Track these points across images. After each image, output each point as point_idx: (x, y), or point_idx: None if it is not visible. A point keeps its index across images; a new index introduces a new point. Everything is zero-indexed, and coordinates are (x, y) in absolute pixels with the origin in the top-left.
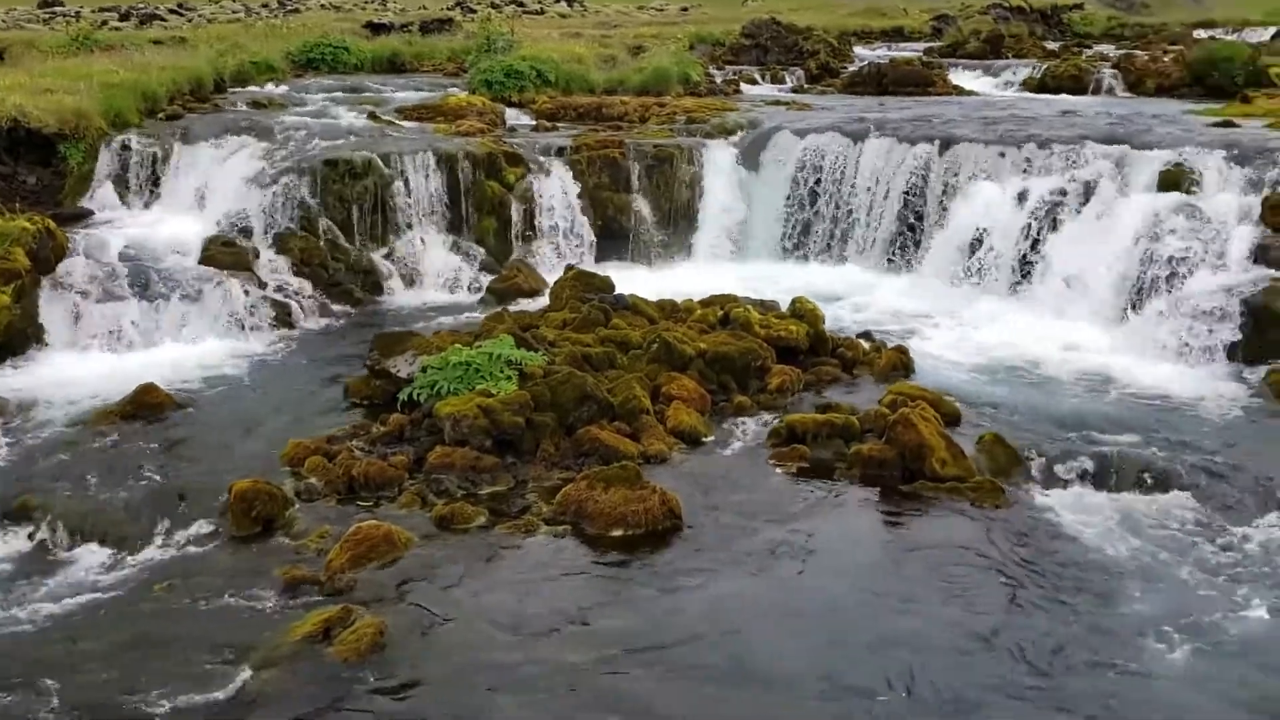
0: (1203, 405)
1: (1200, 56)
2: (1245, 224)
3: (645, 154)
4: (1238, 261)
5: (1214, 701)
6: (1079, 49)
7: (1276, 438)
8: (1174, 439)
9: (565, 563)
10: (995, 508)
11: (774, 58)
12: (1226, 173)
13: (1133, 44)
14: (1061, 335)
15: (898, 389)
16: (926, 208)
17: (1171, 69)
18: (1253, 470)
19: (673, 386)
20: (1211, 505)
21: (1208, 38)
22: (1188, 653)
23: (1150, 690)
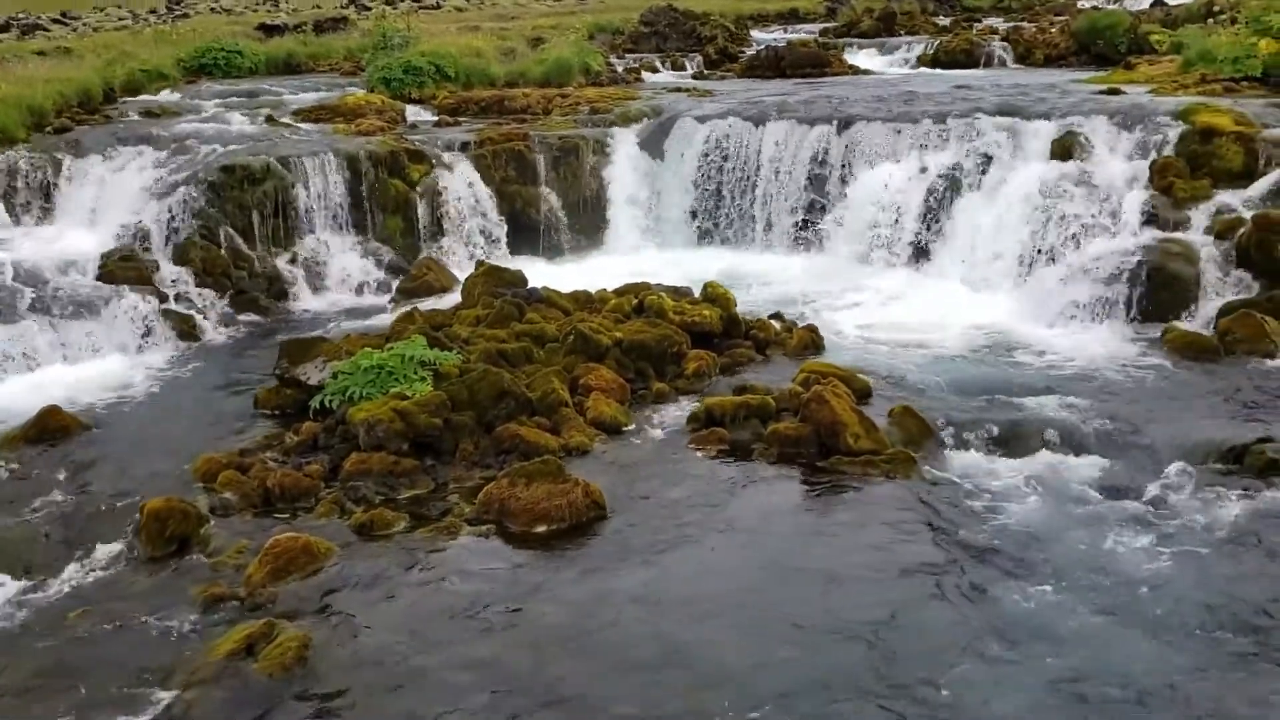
0: (1103, 366)
1: (1084, 26)
2: (1135, 189)
3: (551, 146)
4: (1129, 225)
5: (1127, 659)
6: (969, 23)
7: (1175, 393)
8: (1077, 400)
9: (490, 562)
10: (909, 478)
11: (673, 44)
12: (1115, 139)
13: (1020, 16)
14: (965, 305)
15: (810, 367)
16: (829, 187)
17: (1058, 39)
18: (1154, 426)
19: (591, 377)
20: (1116, 463)
21: (1091, 8)
22: (1098, 610)
23: (1064, 652)
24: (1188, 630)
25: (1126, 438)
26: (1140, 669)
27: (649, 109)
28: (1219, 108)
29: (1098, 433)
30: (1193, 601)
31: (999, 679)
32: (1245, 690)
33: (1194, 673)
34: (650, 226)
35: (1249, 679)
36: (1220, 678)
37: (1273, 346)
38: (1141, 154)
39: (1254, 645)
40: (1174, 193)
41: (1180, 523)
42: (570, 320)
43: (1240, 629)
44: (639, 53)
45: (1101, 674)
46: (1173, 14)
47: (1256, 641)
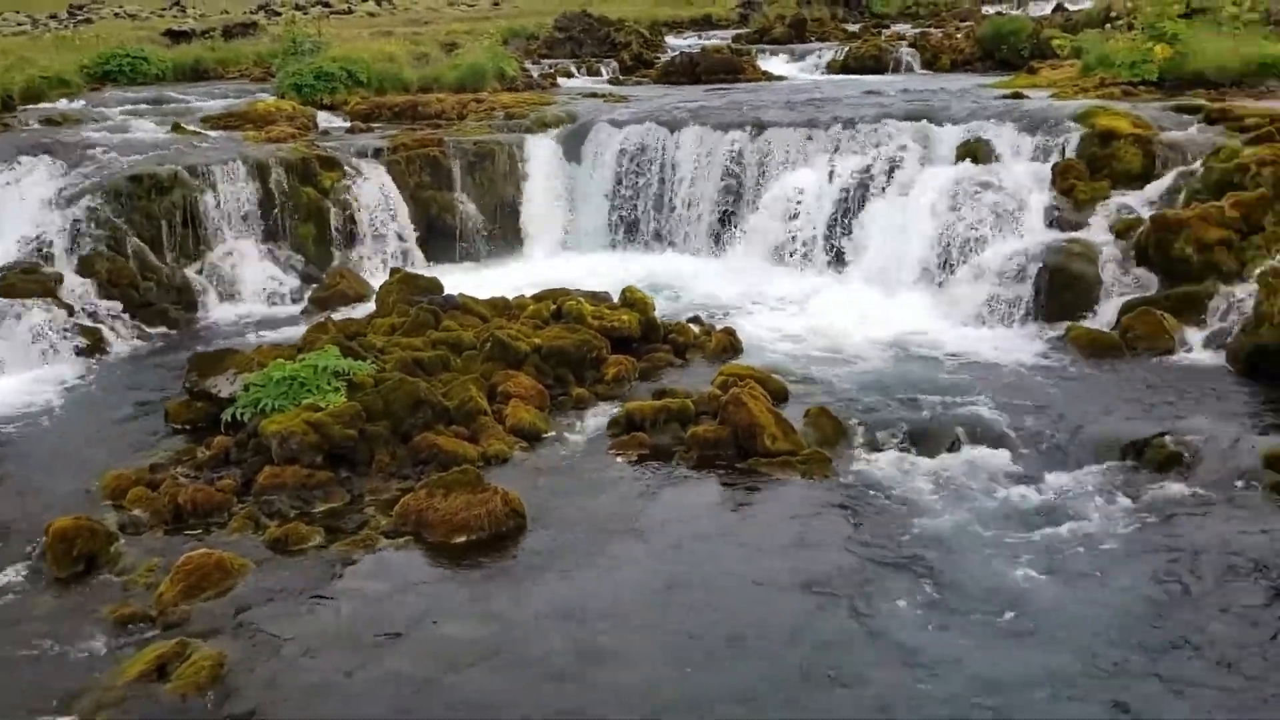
0: (1011, 364)
1: (988, 32)
2: (1039, 190)
3: (466, 151)
4: (1034, 226)
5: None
6: (878, 30)
7: (1080, 390)
8: (985, 399)
9: (408, 574)
10: (825, 478)
11: (588, 50)
12: (1019, 143)
13: (927, 22)
14: (877, 306)
15: (728, 370)
16: (744, 192)
17: (964, 45)
18: (1060, 422)
19: (510, 384)
20: (1025, 458)
21: (995, 13)
22: (1003, 610)
23: (970, 653)
24: (1090, 629)
25: (1033, 435)
26: (1041, 668)
27: (565, 114)
28: (1117, 111)
29: (1005, 430)
30: (1097, 598)
31: (909, 681)
32: (1146, 689)
33: (1096, 673)
34: (568, 232)
35: (1151, 678)
36: (1122, 677)
37: (1171, 343)
38: (1044, 157)
39: (1157, 641)
40: (1075, 194)
41: (1084, 518)
42: (488, 327)
43: (1141, 625)
44: (554, 58)
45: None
46: (1073, 19)
47: (1159, 638)
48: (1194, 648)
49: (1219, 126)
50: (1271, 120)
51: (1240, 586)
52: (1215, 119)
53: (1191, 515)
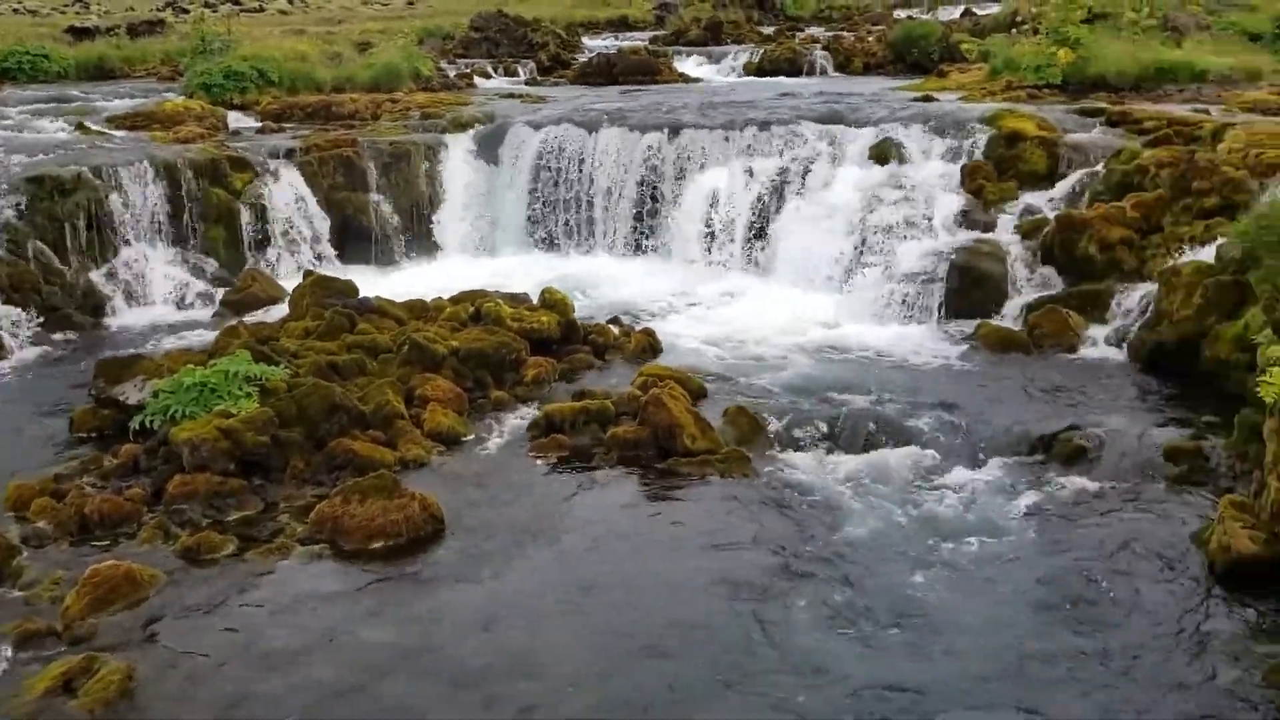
0: (923, 362)
1: (899, 36)
2: (949, 191)
3: (381, 151)
4: (944, 226)
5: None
6: (792, 32)
7: (990, 386)
8: (899, 395)
9: (324, 582)
10: (743, 476)
11: (505, 50)
12: (929, 145)
13: (840, 26)
14: (794, 306)
15: (648, 370)
16: (662, 193)
17: (876, 48)
18: (971, 418)
19: (427, 388)
20: (937, 453)
21: (906, 17)
22: (914, 606)
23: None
24: (997, 625)
25: (945, 431)
26: (949, 667)
27: (482, 115)
28: (1023, 113)
29: (918, 426)
30: (1005, 594)
31: (817, 681)
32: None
33: (1003, 671)
34: (487, 233)
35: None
36: (1027, 674)
37: (1076, 339)
38: (953, 158)
39: (1064, 638)
40: (984, 195)
41: (995, 513)
42: (405, 330)
43: (1048, 621)
44: (470, 58)
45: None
46: (981, 24)
47: (1065, 634)
48: (1099, 642)
49: (1120, 129)
50: (1169, 123)
51: (1144, 579)
52: (1116, 121)
53: (1097, 508)
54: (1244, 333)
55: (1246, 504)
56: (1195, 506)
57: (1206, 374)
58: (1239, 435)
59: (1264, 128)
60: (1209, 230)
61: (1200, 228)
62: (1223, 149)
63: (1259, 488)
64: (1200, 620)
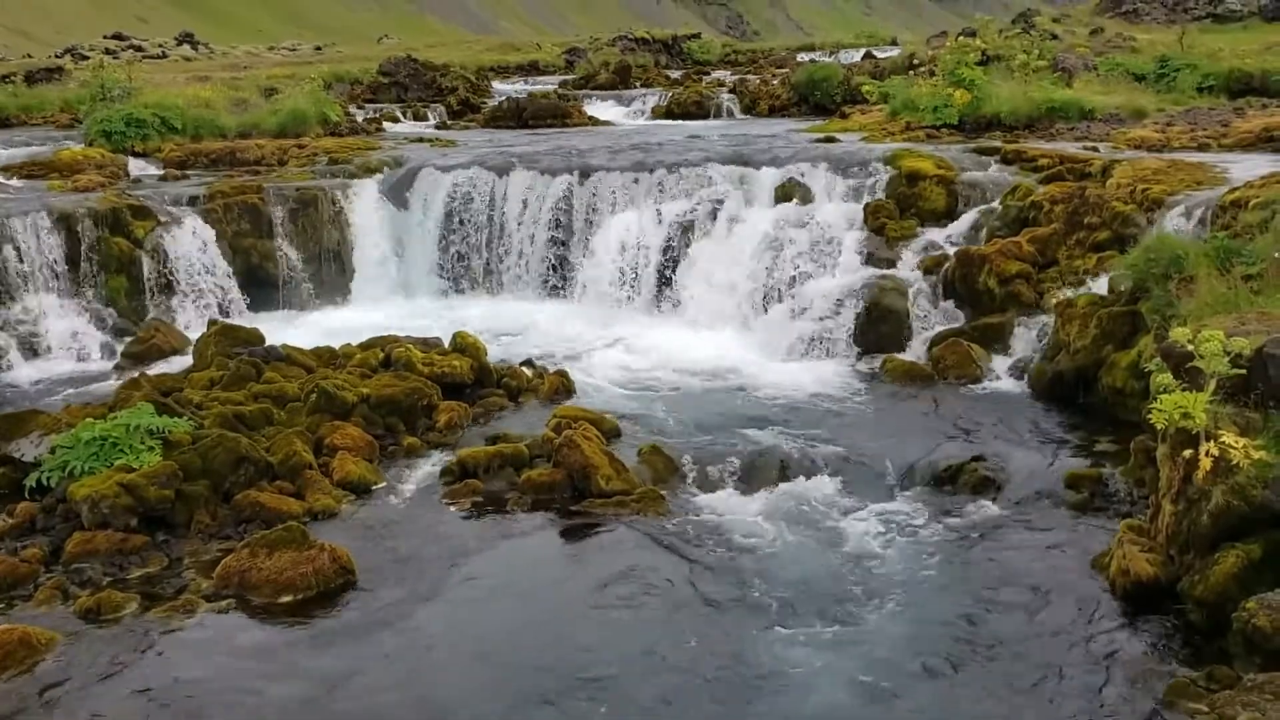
0: (832, 397)
1: (803, 79)
2: (853, 230)
3: (287, 197)
4: (849, 264)
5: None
6: (699, 76)
7: (898, 419)
8: (810, 431)
9: (231, 639)
10: (659, 516)
11: (414, 95)
12: (832, 184)
13: (746, 69)
14: (704, 345)
15: (561, 412)
16: (573, 236)
17: (780, 91)
18: (880, 451)
19: (337, 436)
20: (847, 489)
21: (809, 61)
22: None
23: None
24: (907, 654)
25: (856, 464)
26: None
27: (391, 159)
28: (922, 153)
29: (829, 461)
30: (916, 624)
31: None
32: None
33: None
34: (396, 278)
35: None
36: (940, 696)
37: (979, 371)
38: (856, 197)
39: (973, 654)
40: (886, 232)
41: (904, 542)
42: (313, 378)
43: (955, 649)
44: (379, 103)
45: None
46: (881, 66)
47: (975, 651)
48: (1005, 664)
49: (1014, 166)
50: (1061, 160)
51: (1048, 604)
52: (1011, 159)
53: (1002, 536)
54: (1137, 361)
55: (1144, 528)
56: (1096, 531)
57: (1103, 402)
58: (1135, 461)
59: (1149, 163)
60: (1101, 263)
61: (1093, 260)
62: (1111, 184)
63: (1155, 511)
64: (1102, 642)
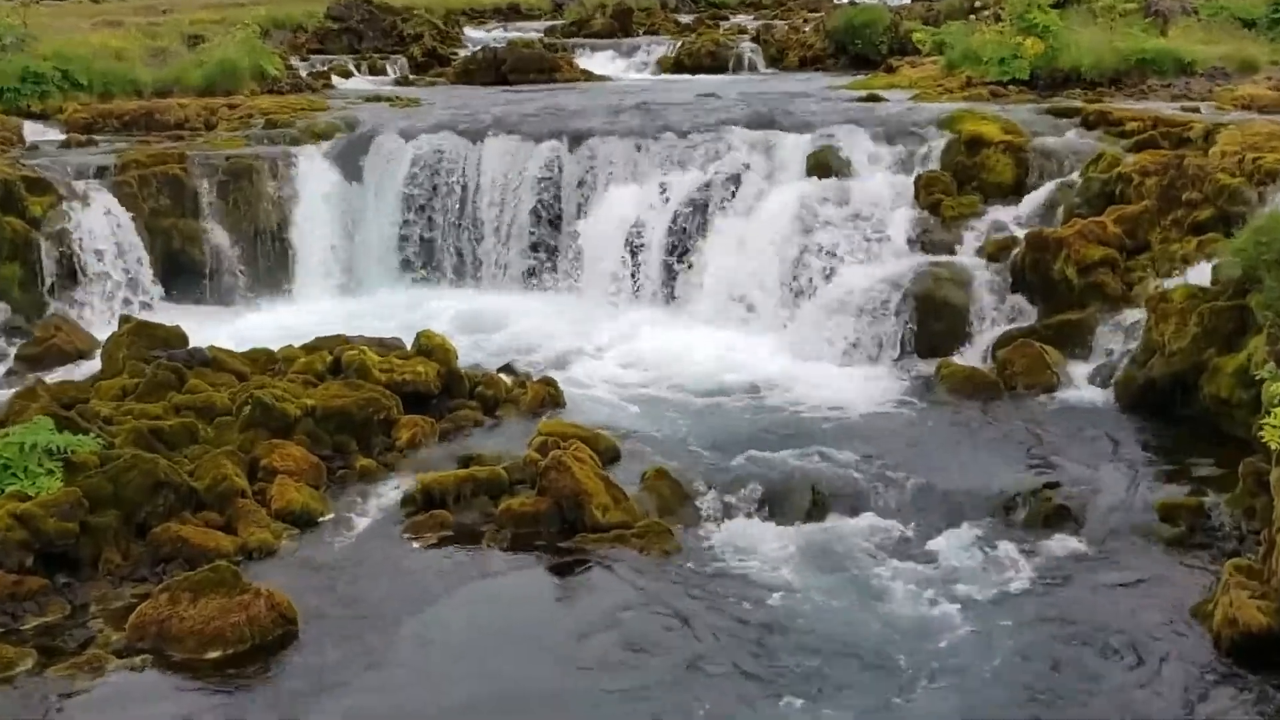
0: (876, 409)
1: (840, 25)
2: (901, 207)
3: (216, 168)
4: (897, 248)
5: None
6: (715, 22)
7: (955, 437)
8: (848, 451)
9: (147, 703)
10: (665, 554)
11: (370, 44)
12: (876, 152)
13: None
14: (723, 346)
15: (548, 428)
16: (563, 214)
17: (813, 39)
18: (934, 475)
19: (276, 457)
20: (894, 520)
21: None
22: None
23: None
24: None
25: (903, 492)
26: None
27: (342, 122)
28: (986, 115)
29: (872, 487)
30: (981, 683)
31: None
32: None
33: None
34: (348, 265)
35: None
36: None
37: (1054, 379)
38: (905, 169)
39: None
40: (942, 211)
41: (963, 589)
42: (247, 386)
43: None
44: (328, 54)
45: None
46: (935, 10)
47: None
48: None
49: (1097, 131)
50: (1154, 123)
51: (1139, 661)
52: (1093, 122)
53: (1083, 579)
54: (1246, 366)
55: (1254, 568)
56: (1196, 573)
57: (1205, 416)
58: (1244, 488)
59: (1261, 128)
60: (1202, 248)
61: (1193, 244)
62: (1215, 153)
63: (1268, 549)
64: (1205, 707)
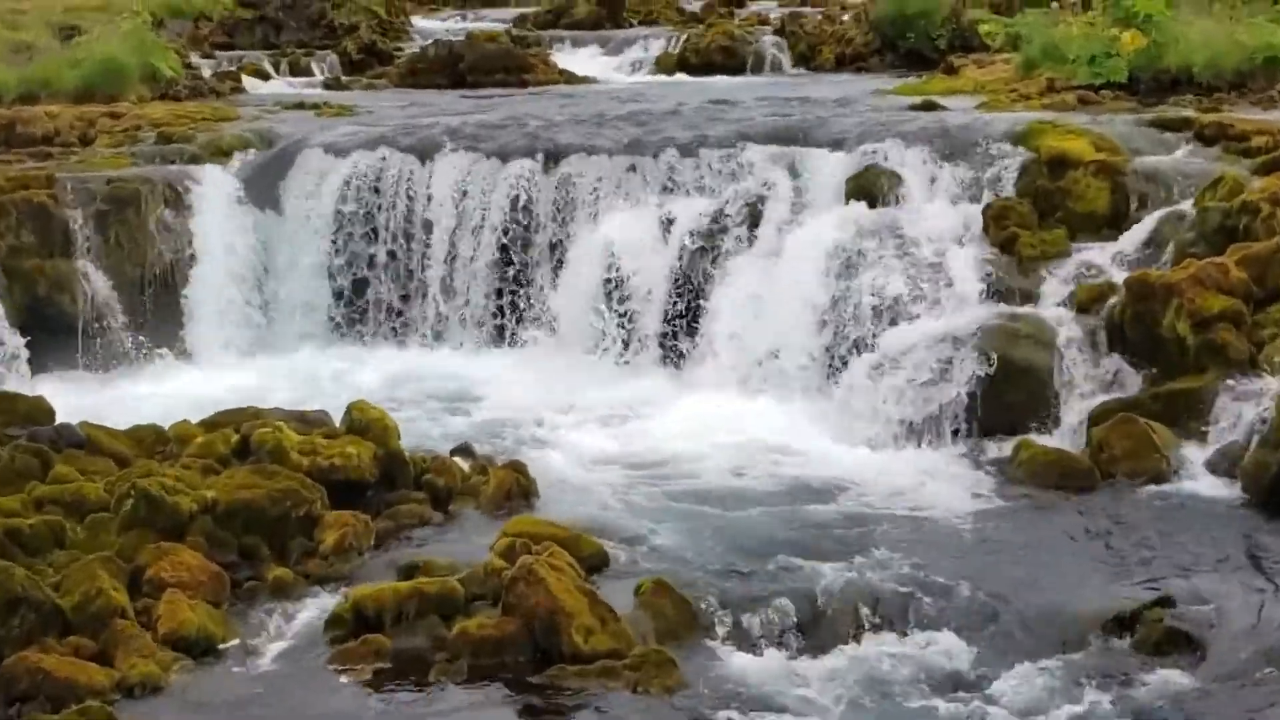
0: (936, 503)
1: (888, 14)
2: (965, 243)
3: (94, 195)
4: (961, 297)
5: None
6: (729, 10)
7: (1038, 540)
8: (902, 558)
9: None
10: (667, 691)
11: (292, 36)
12: (934, 174)
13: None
14: (739, 422)
15: (516, 527)
16: (535, 249)
17: (853, 32)
18: (1013, 585)
19: (165, 566)
20: (963, 647)
21: None
22: None
23: None
24: None
25: (971, 611)
26: None
27: (255, 135)
28: (1073, 127)
29: (935, 606)
30: None
31: None
32: None
33: None
34: (261, 318)
35: None
36: None
37: (1163, 464)
38: (971, 195)
39: None
40: (1018, 249)
41: None
42: (130, 474)
43: None
44: (239, 49)
45: None
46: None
47: None
48: None
49: (1215, 147)
50: None
51: None
52: (1209, 137)
53: None
54: None
55: None
56: None
57: None
58: None
59: None
60: None
61: None
62: None
63: None
64: None
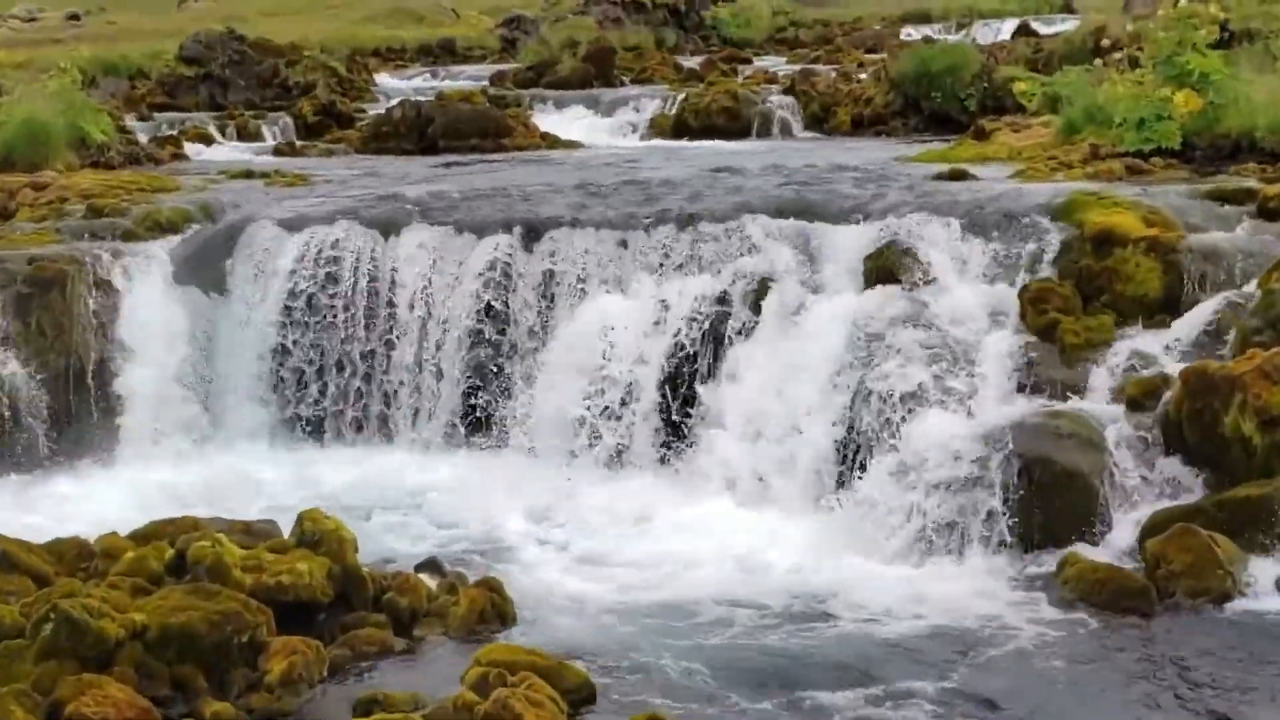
0: (968, 627)
1: (910, 71)
2: (1000, 330)
3: (14, 276)
4: (995, 390)
5: None
6: (733, 66)
7: (1086, 669)
8: (930, 690)
9: None
10: None
11: (240, 96)
12: (964, 252)
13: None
14: (742, 529)
15: (490, 655)
16: (512, 337)
17: (872, 91)
18: None
19: (87, 700)
20: None
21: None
22: None
23: None
24: None
25: None
26: None
27: (197, 208)
28: (1120, 200)
29: None
30: None
31: None
32: None
33: None
34: (200, 416)
35: None
36: None
37: (1229, 582)
38: (1006, 276)
39: None
40: (1059, 336)
41: None
42: (49, 595)
43: None
44: (180, 109)
45: None
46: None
47: None
48: None
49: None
50: None
51: None
52: (1275, 210)
53: None
54: None
55: None
56: None
57: None
58: None
59: None
60: None
61: None
62: None
63: None
64: None
